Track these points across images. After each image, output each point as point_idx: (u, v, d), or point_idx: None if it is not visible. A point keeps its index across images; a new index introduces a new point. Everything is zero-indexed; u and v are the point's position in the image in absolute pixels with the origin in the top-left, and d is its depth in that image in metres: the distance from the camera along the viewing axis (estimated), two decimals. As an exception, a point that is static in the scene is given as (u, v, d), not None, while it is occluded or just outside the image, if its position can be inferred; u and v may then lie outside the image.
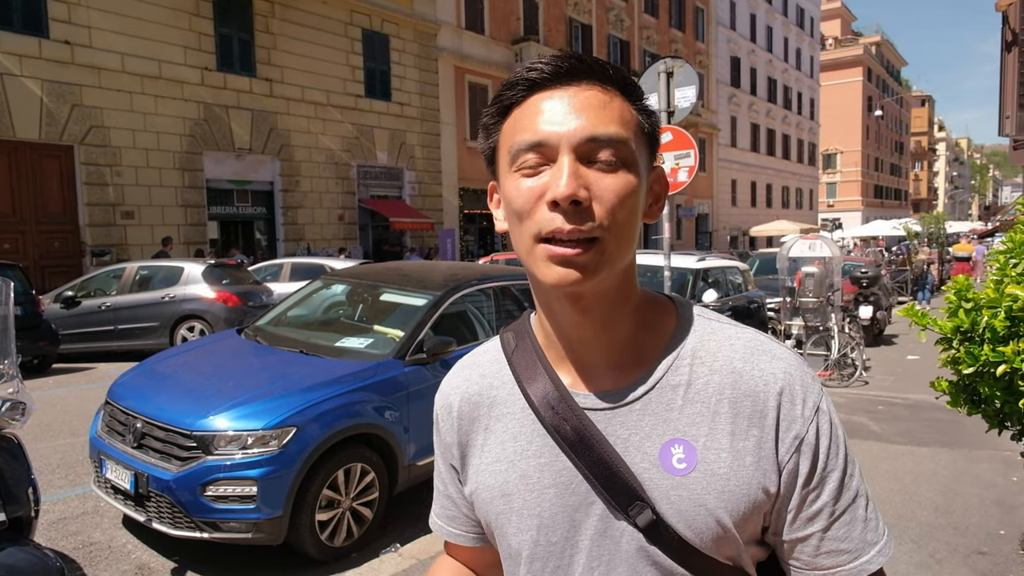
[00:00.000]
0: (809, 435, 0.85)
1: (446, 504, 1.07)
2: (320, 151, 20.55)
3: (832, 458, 0.86)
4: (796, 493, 0.86)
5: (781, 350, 0.90)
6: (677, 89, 7.38)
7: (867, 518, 0.87)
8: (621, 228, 0.82)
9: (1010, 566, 4.10)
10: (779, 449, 0.85)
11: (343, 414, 4.22)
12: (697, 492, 0.84)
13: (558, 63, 0.84)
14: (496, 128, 0.89)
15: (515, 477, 0.93)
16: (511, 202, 0.84)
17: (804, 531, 0.87)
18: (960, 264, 21.17)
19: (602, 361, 0.91)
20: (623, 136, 0.82)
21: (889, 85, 76.88)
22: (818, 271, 10.51)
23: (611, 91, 0.85)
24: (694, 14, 40.24)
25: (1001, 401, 2.41)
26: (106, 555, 4.29)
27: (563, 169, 0.79)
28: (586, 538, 0.89)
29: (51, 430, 6.78)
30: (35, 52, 14.57)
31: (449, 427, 1.02)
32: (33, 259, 14.79)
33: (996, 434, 2.70)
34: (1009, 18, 3.33)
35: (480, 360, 1.03)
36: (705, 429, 0.86)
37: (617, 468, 0.86)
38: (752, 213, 46.62)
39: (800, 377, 0.87)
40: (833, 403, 0.92)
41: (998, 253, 2.59)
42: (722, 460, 0.85)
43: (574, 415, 0.89)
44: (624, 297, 0.89)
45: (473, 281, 5.49)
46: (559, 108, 0.82)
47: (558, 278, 0.81)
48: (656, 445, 0.86)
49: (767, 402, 0.86)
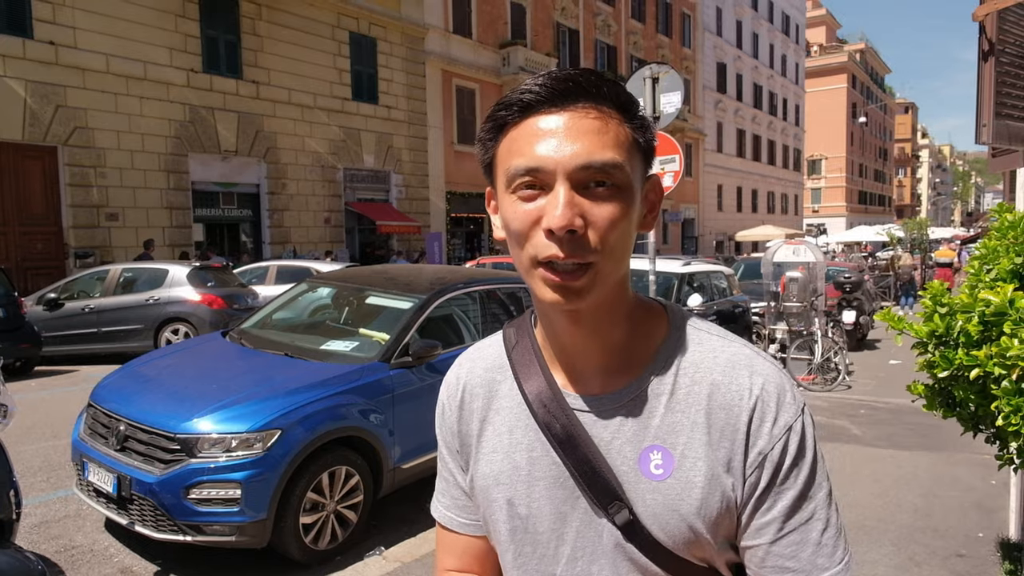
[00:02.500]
0: (773, 452, 0.87)
1: (456, 495, 1.08)
2: (307, 154, 20.50)
3: (791, 477, 0.87)
4: (751, 504, 0.88)
5: (764, 366, 0.91)
6: (663, 95, 7.43)
7: (821, 543, 0.88)
8: (614, 251, 0.84)
9: (987, 568, 4.16)
10: (746, 462, 0.88)
11: (328, 417, 4.22)
12: (671, 498, 0.88)
13: (553, 84, 0.85)
14: (493, 143, 0.90)
15: (508, 467, 0.97)
16: (509, 224, 0.87)
17: (752, 541, 0.89)
18: (942, 270, 21.37)
19: (593, 365, 0.94)
20: (618, 161, 0.84)
21: (873, 92, 77.58)
22: (802, 276, 10.61)
23: (607, 111, 0.86)
24: (681, 20, 40.46)
25: (975, 404, 2.45)
26: (88, 558, 4.27)
27: (559, 199, 0.81)
28: (571, 530, 0.93)
29: (33, 432, 6.73)
30: (19, 52, 14.46)
31: (453, 415, 1.06)
32: (15, 261, 14.65)
33: (971, 437, 2.74)
34: (986, 28, 3.38)
35: (485, 353, 1.07)
36: (683, 438, 0.89)
37: (599, 468, 0.90)
38: (738, 218, 46.87)
39: (777, 394, 0.89)
40: (816, 407, 0.93)
41: (973, 259, 2.64)
42: (697, 469, 0.88)
43: (564, 414, 0.93)
44: (616, 306, 0.92)
45: (459, 284, 5.50)
46: (554, 133, 0.83)
47: (555, 299, 0.84)
48: (636, 450, 0.90)
49: (740, 416, 0.88)
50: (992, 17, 3.22)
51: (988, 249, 2.53)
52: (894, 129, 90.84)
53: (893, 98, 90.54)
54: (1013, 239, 2.48)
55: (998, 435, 2.48)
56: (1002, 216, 2.58)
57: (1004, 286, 2.26)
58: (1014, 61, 3.50)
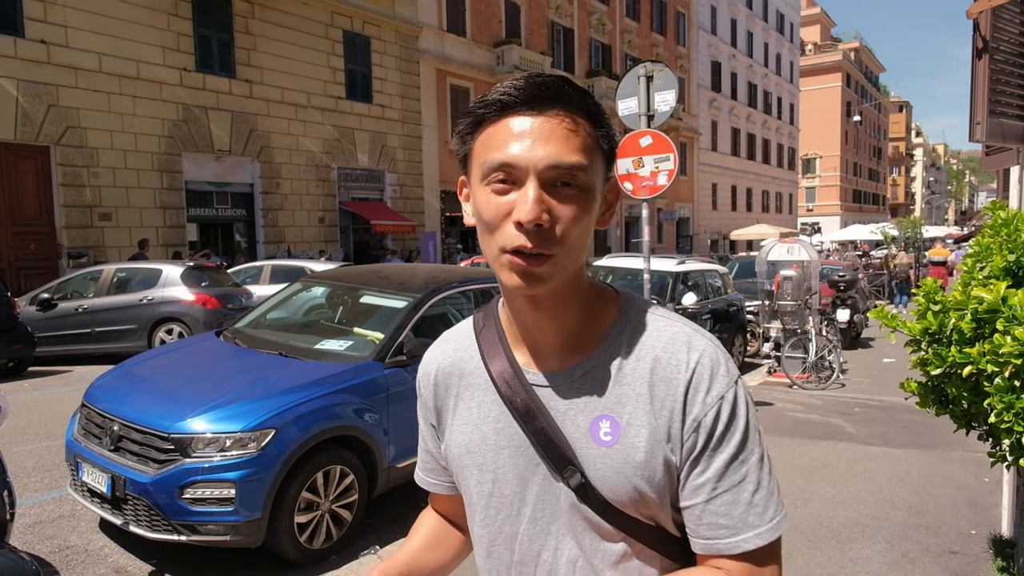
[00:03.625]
0: (707, 419, 0.96)
1: (427, 459, 1.24)
2: (300, 153, 20.46)
3: (724, 442, 0.97)
4: (687, 466, 0.98)
5: (700, 342, 1.01)
6: (657, 93, 7.43)
7: (752, 503, 0.96)
8: (574, 244, 0.94)
9: (980, 565, 4.18)
10: (684, 428, 0.97)
11: (322, 416, 4.22)
12: (618, 462, 0.98)
13: (530, 89, 0.93)
14: (470, 137, 0.99)
15: (478, 438, 1.08)
16: (481, 213, 0.96)
17: (690, 501, 0.98)
18: (936, 268, 21.42)
19: (552, 345, 1.05)
20: (583, 164, 0.93)
21: (867, 91, 77.73)
22: (796, 275, 10.62)
23: (577, 118, 0.94)
24: (675, 18, 40.50)
25: (968, 402, 2.46)
26: (83, 559, 4.26)
27: (529, 195, 0.90)
28: (532, 493, 1.04)
29: (27, 433, 6.70)
30: (10, 51, 14.41)
31: (429, 393, 1.18)
32: (8, 261, 14.62)
33: (964, 434, 2.75)
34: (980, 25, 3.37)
35: (455, 336, 1.19)
36: (629, 408, 0.99)
37: (555, 437, 1.01)
38: (732, 217, 46.95)
39: (711, 368, 0.98)
40: (810, 405, 0.96)
41: (967, 257, 2.65)
42: (640, 436, 0.98)
43: (524, 390, 1.04)
44: (572, 293, 1.02)
45: (454, 283, 5.50)
46: (528, 134, 0.92)
47: (519, 284, 0.94)
48: (588, 419, 1.00)
49: (678, 387, 0.98)
50: (986, 15, 3.22)
51: (981, 247, 2.53)
52: (888, 128, 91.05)
53: (887, 97, 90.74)
54: (1006, 236, 2.49)
55: (991, 432, 2.49)
56: (995, 214, 2.59)
57: (997, 283, 2.27)
58: (1008, 59, 3.51)
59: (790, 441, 6.91)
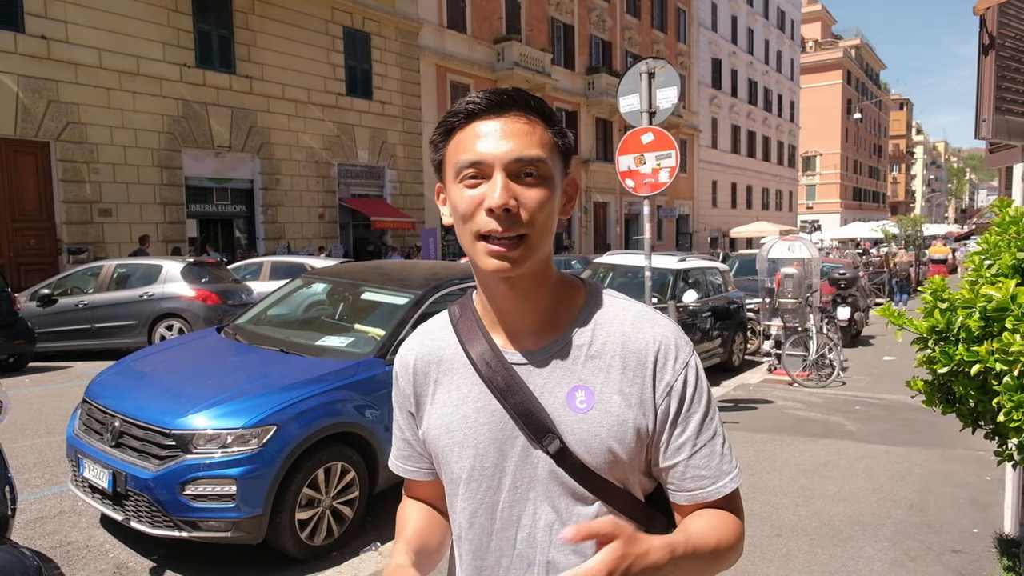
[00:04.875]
0: (677, 383, 1.11)
1: (403, 447, 1.31)
2: (300, 149, 20.44)
3: (695, 403, 1.12)
4: (667, 428, 1.11)
5: (662, 319, 1.16)
6: (659, 90, 7.41)
7: (723, 453, 1.13)
8: (542, 227, 1.07)
9: (983, 564, 4.17)
10: (656, 394, 1.11)
11: (323, 413, 4.21)
12: (594, 426, 1.09)
13: (492, 98, 1.07)
14: (443, 144, 1.11)
15: (458, 417, 1.17)
16: (456, 206, 1.08)
17: (673, 460, 1.11)
18: (936, 266, 21.42)
19: (526, 327, 1.15)
20: (542, 156, 1.06)
21: (868, 88, 77.67)
22: (797, 272, 10.60)
23: (534, 119, 1.08)
24: (676, 15, 40.45)
25: (975, 400, 2.44)
26: (84, 554, 4.25)
27: (497, 184, 1.03)
28: (511, 464, 1.13)
29: (28, 429, 6.69)
30: (10, 47, 14.38)
31: (407, 381, 1.26)
32: (8, 257, 14.60)
33: (970, 433, 2.74)
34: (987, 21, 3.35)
35: (432, 328, 1.28)
36: (601, 378, 1.11)
37: (535, 409, 1.11)
38: (732, 214, 46.93)
39: (675, 340, 1.13)
40: (811, 403, 0.96)
41: (973, 254, 2.63)
42: (613, 402, 1.10)
43: (504, 369, 1.14)
44: (543, 278, 1.14)
45: (454, 280, 5.48)
46: (493, 134, 1.05)
47: (495, 267, 1.05)
48: (564, 390, 1.11)
49: (647, 358, 1.11)
50: (993, 11, 3.20)
51: (989, 244, 2.51)
52: (889, 125, 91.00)
53: (888, 94, 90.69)
54: (1015, 234, 2.47)
55: (997, 431, 2.48)
56: (1003, 211, 2.57)
57: (1006, 281, 2.25)
58: (1015, 55, 3.49)
59: (791, 439, 6.90)
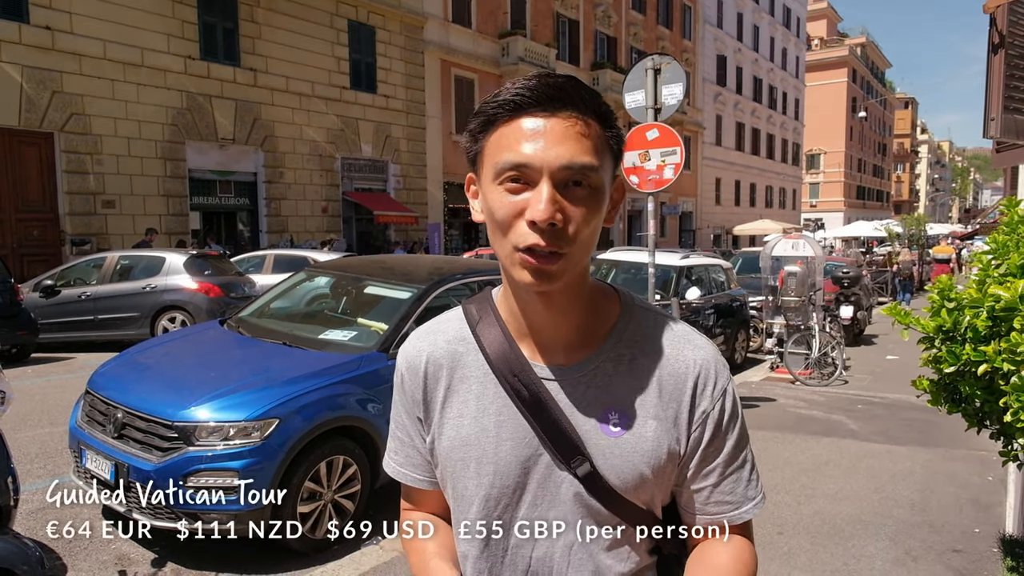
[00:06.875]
0: (714, 412, 1.07)
1: (412, 454, 1.20)
2: (304, 142, 20.42)
3: (730, 431, 1.08)
4: (698, 454, 1.07)
5: (702, 341, 1.11)
6: (664, 86, 7.39)
7: (750, 480, 1.10)
8: (585, 243, 0.97)
9: (984, 564, 4.16)
10: (692, 420, 1.06)
11: (326, 406, 4.21)
12: (627, 451, 1.04)
13: (543, 90, 0.95)
14: (482, 136, 1.00)
15: (476, 430, 1.09)
16: (494, 212, 0.97)
17: (700, 484, 1.09)
18: (940, 266, 21.39)
19: (558, 340, 1.08)
20: (595, 165, 0.95)
21: (873, 87, 77.46)
22: (800, 270, 10.58)
23: (588, 119, 0.97)
24: (681, 12, 40.33)
25: (981, 400, 2.43)
26: (85, 545, 4.26)
27: (543, 195, 0.92)
28: (533, 482, 1.07)
29: (30, 420, 6.70)
30: (15, 37, 14.36)
31: (415, 385, 1.15)
32: (12, 247, 14.60)
33: (975, 433, 2.73)
34: (997, 20, 3.33)
35: (444, 328, 1.17)
36: (637, 400, 1.06)
37: (564, 428, 1.04)
38: (736, 212, 46.86)
39: (715, 365, 1.08)
40: (813, 401, 0.96)
41: (981, 254, 2.61)
42: (648, 427, 1.05)
43: (532, 382, 1.06)
44: (580, 290, 1.06)
45: (458, 275, 5.48)
46: (541, 135, 0.94)
47: (531, 281, 0.96)
48: (597, 411, 1.05)
49: (686, 383, 1.06)
50: (1003, 9, 3.18)
51: (998, 244, 2.50)
52: (893, 124, 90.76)
53: (893, 93, 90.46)
54: (1023, 234, 2.45)
55: (1003, 431, 2.47)
56: (1012, 211, 2.56)
57: (1015, 281, 2.24)
58: (1024, 54, 3.47)
59: (792, 437, 6.90)
